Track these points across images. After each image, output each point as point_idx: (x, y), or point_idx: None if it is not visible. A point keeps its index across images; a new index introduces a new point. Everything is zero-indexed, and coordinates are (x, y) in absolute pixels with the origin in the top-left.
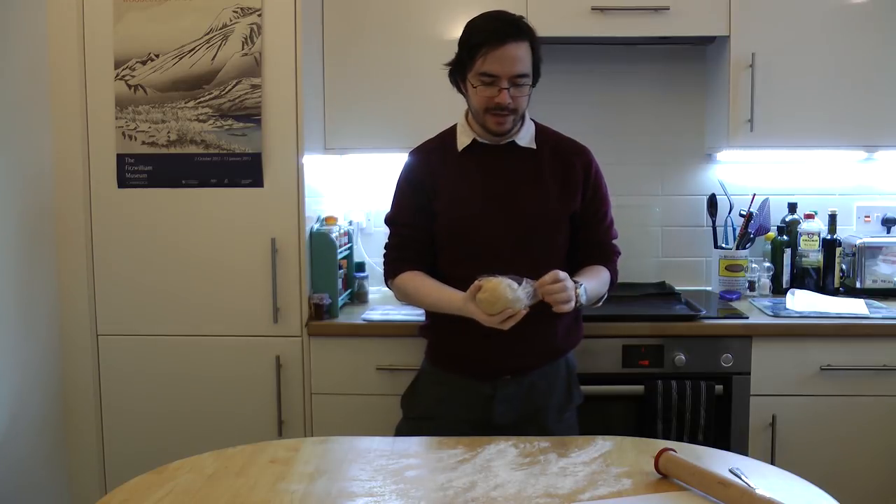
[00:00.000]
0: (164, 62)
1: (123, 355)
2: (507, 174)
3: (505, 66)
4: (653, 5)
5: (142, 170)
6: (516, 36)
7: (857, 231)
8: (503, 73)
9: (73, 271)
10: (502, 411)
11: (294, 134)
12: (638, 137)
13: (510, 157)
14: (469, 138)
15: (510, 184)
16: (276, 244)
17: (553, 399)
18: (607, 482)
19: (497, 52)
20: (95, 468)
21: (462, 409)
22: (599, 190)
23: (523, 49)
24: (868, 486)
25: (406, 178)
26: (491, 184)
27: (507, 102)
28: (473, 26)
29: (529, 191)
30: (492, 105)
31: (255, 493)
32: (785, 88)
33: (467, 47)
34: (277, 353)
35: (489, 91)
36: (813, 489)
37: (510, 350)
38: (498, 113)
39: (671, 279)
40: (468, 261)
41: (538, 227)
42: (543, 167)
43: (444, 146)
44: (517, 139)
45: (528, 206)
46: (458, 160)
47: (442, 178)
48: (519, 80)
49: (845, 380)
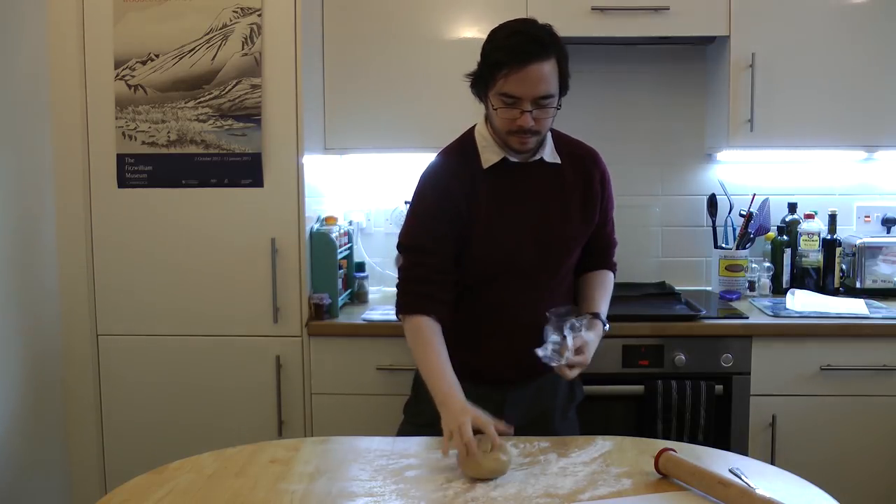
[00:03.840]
0: (164, 62)
1: (123, 355)
2: (537, 197)
3: (527, 89)
4: (653, 5)
5: (142, 170)
6: (540, 55)
7: (857, 231)
8: (525, 96)
9: (73, 271)
10: (512, 416)
11: (294, 134)
12: (638, 137)
13: (537, 176)
14: (497, 156)
15: (540, 209)
16: (276, 244)
17: (558, 399)
18: (607, 482)
19: (519, 74)
20: (95, 468)
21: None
22: (609, 195)
23: (548, 67)
24: (868, 486)
25: (436, 199)
26: (523, 211)
27: (530, 125)
28: (495, 41)
29: (559, 213)
30: (514, 128)
31: (255, 493)
32: (785, 88)
33: (487, 64)
34: (277, 353)
35: (510, 113)
36: (813, 489)
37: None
38: (520, 135)
39: (671, 279)
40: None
41: (566, 249)
42: (566, 184)
43: (468, 163)
44: (544, 155)
45: (559, 231)
46: (486, 180)
47: (474, 202)
48: (543, 102)
49: (845, 380)
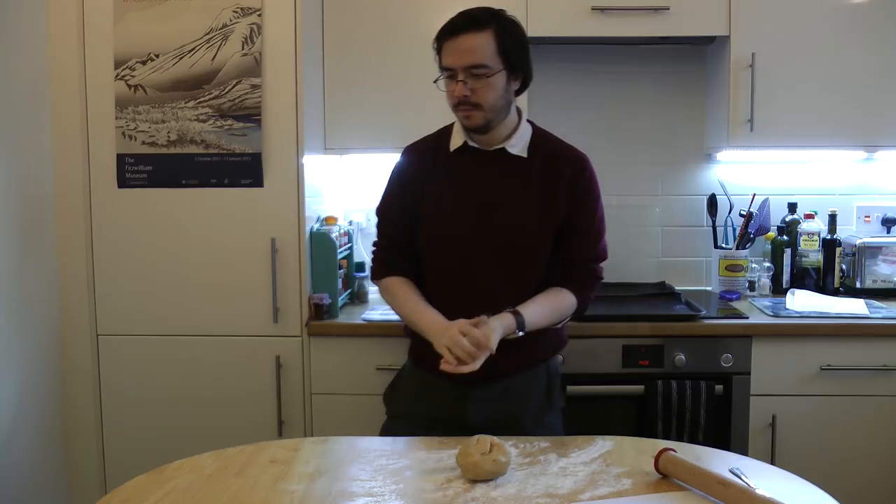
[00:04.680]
0: (164, 62)
1: (123, 355)
2: (493, 184)
3: (458, 58)
4: (653, 5)
5: (142, 170)
6: (471, 27)
7: (857, 231)
8: (457, 65)
9: (73, 271)
10: (476, 412)
11: (294, 134)
12: (638, 137)
13: (499, 165)
14: (461, 140)
15: (493, 195)
16: (276, 244)
17: (531, 403)
18: (607, 482)
19: (450, 45)
20: (95, 468)
21: (436, 408)
22: (586, 202)
23: (481, 39)
24: (868, 486)
25: (397, 176)
26: (474, 193)
27: (465, 94)
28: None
29: (512, 203)
30: (454, 100)
31: (255, 493)
32: (785, 88)
33: (435, 44)
34: (277, 353)
35: (450, 85)
36: (813, 489)
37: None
38: (461, 108)
39: (671, 279)
40: (446, 268)
41: (516, 241)
42: (531, 178)
43: (438, 145)
44: (508, 146)
45: (508, 219)
46: (447, 163)
47: (429, 180)
48: (476, 72)
49: (845, 380)
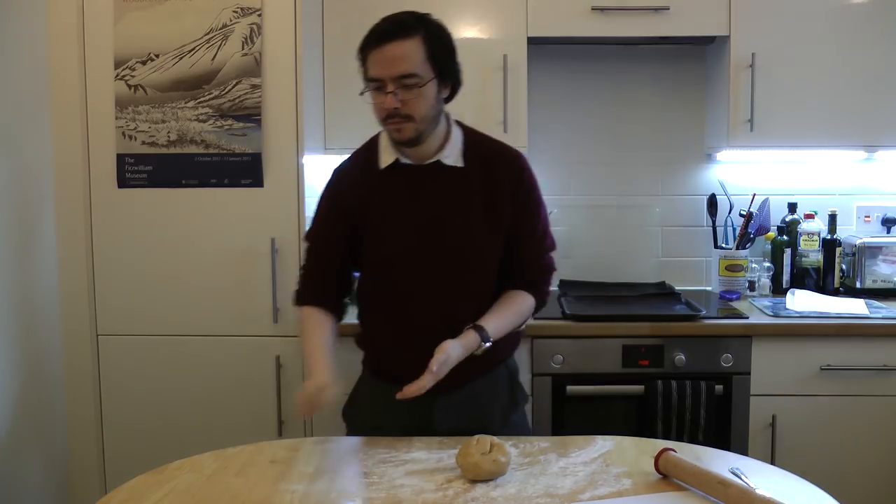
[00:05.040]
0: (164, 62)
1: (123, 355)
2: (433, 200)
3: (386, 68)
4: (653, 5)
5: (142, 170)
6: (397, 34)
7: (857, 231)
8: (385, 76)
9: (73, 271)
10: (442, 420)
11: (294, 134)
12: (638, 137)
13: (437, 179)
14: (391, 157)
15: (436, 211)
16: (276, 244)
17: (496, 403)
18: (607, 482)
19: (376, 55)
20: (95, 468)
21: (405, 417)
22: (529, 203)
23: (409, 47)
24: (868, 486)
25: (328, 201)
26: (416, 212)
27: (395, 107)
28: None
29: (456, 217)
30: (382, 113)
31: (255, 493)
32: (785, 88)
33: (358, 55)
34: (277, 353)
35: (378, 98)
36: (813, 489)
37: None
38: (391, 121)
39: (671, 279)
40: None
41: (466, 254)
42: (472, 189)
43: (368, 164)
44: (442, 158)
45: (455, 234)
46: (382, 183)
47: (366, 203)
48: (406, 82)
49: (845, 380)
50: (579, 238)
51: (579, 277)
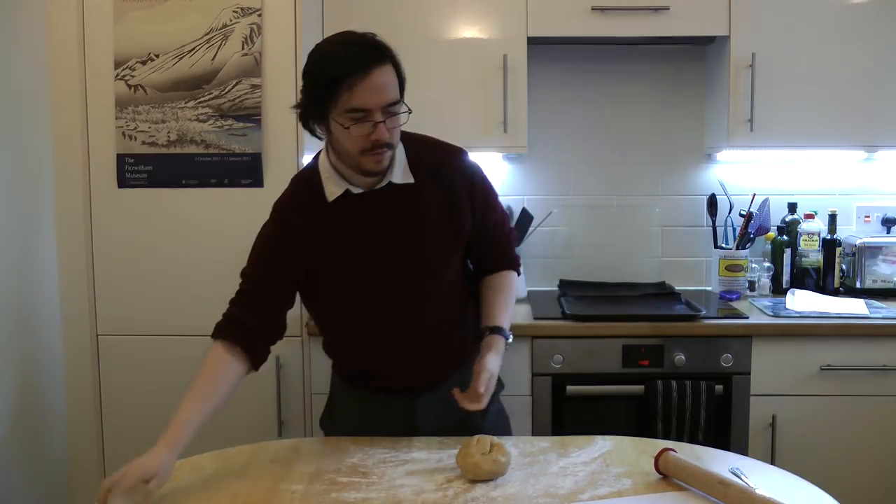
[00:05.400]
0: (164, 62)
1: (123, 355)
2: (393, 225)
3: (376, 97)
4: (653, 5)
5: (142, 170)
6: (379, 59)
7: (857, 231)
8: (375, 106)
9: (73, 271)
10: (425, 419)
11: (294, 134)
12: (638, 137)
13: (391, 201)
14: (340, 188)
15: (398, 235)
16: None
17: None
18: (607, 482)
19: (365, 83)
20: (95, 468)
21: (386, 422)
22: (488, 198)
23: (390, 72)
24: (868, 486)
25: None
26: (378, 242)
27: (386, 137)
28: (325, 57)
29: (420, 239)
30: (368, 145)
31: (255, 493)
32: (785, 88)
33: (325, 81)
34: (277, 353)
35: (363, 129)
36: (813, 489)
37: (424, 371)
38: (376, 152)
39: (671, 279)
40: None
41: (432, 271)
42: (427, 202)
43: (313, 197)
44: (392, 178)
45: (421, 256)
46: (333, 216)
47: (322, 238)
48: (392, 109)
49: (845, 380)
50: (579, 238)
51: (579, 277)
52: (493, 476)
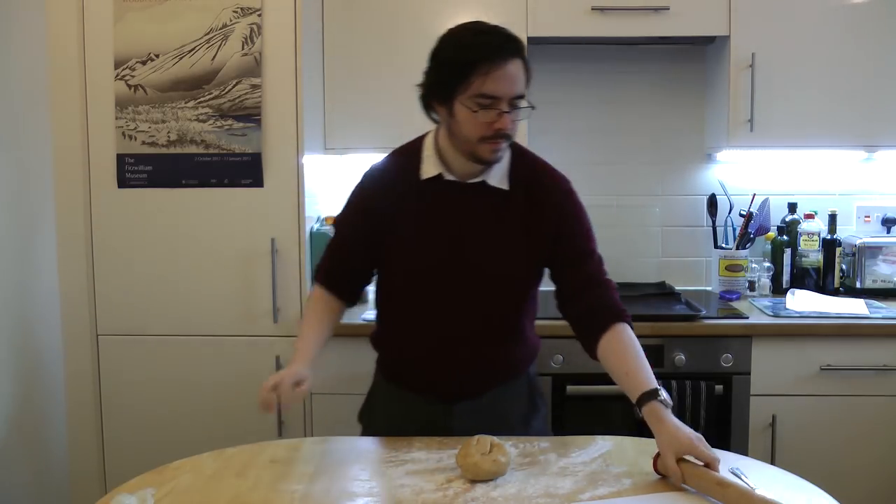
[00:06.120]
0: (164, 62)
1: (123, 355)
2: (472, 222)
3: (507, 87)
4: (653, 5)
5: (142, 170)
6: (515, 52)
7: (857, 231)
8: (505, 95)
9: (73, 271)
10: (461, 426)
11: (294, 134)
12: (638, 137)
13: (478, 199)
14: (435, 169)
15: (474, 234)
16: (276, 244)
17: (515, 411)
18: (607, 482)
19: (499, 72)
20: (95, 468)
21: (422, 425)
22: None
23: (521, 67)
24: (868, 486)
25: (360, 197)
26: (452, 232)
27: (508, 128)
28: (462, 42)
29: (493, 243)
30: (489, 132)
31: (255, 493)
32: (785, 88)
33: (460, 65)
34: (277, 353)
35: (488, 116)
36: (813, 489)
37: (468, 375)
38: (495, 140)
39: (671, 279)
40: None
41: (496, 280)
42: (513, 213)
43: (407, 170)
44: (488, 178)
45: (489, 260)
46: (420, 193)
47: (400, 211)
48: (518, 102)
49: (845, 380)
50: None
51: None
52: (493, 476)
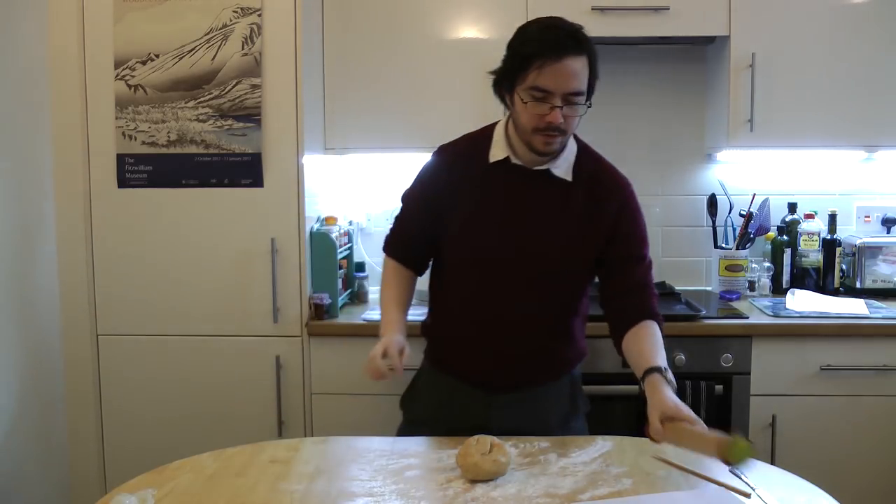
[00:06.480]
0: (164, 62)
1: (123, 355)
2: (533, 208)
3: (560, 82)
4: (653, 5)
5: (142, 170)
6: (575, 49)
7: (857, 231)
8: (558, 90)
9: (73, 271)
10: (498, 418)
11: (294, 134)
12: (638, 137)
13: (541, 187)
14: (504, 153)
15: (532, 220)
16: (276, 244)
17: (556, 410)
18: (607, 482)
19: (554, 66)
20: (95, 468)
21: (460, 414)
22: (631, 234)
23: (581, 64)
24: (868, 486)
25: (427, 177)
26: (511, 216)
27: (559, 122)
28: (528, 34)
29: (546, 227)
30: (542, 125)
31: (255, 493)
32: (785, 88)
33: (520, 57)
34: (277, 353)
35: (540, 108)
36: (813, 489)
37: (512, 367)
38: (548, 133)
39: (671, 279)
40: (471, 284)
41: (549, 270)
42: (571, 204)
43: (474, 153)
44: (552, 167)
45: (546, 249)
46: (483, 175)
47: (463, 191)
48: (573, 98)
49: (845, 380)
50: None
51: None
52: (493, 476)
